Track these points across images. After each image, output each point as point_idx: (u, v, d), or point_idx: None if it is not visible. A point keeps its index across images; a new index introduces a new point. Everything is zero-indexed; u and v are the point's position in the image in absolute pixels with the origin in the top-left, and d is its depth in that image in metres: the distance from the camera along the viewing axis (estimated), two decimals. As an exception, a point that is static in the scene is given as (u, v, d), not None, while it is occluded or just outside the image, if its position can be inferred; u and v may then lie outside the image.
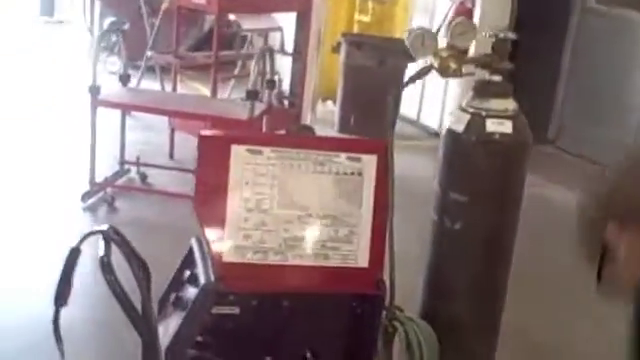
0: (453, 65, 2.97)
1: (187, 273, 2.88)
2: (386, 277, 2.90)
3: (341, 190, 2.82)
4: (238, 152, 2.74)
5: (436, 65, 2.98)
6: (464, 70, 3.01)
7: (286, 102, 7.31)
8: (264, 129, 5.39)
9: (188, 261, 2.91)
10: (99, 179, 5.36)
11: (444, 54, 2.98)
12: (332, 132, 7.05)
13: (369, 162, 2.83)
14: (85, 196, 5.24)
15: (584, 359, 3.96)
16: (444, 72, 2.98)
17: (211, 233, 2.74)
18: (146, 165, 5.79)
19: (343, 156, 2.82)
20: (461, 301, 3.03)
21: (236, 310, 2.78)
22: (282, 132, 2.79)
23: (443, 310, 3.06)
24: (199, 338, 2.78)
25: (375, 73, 6.90)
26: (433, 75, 3.06)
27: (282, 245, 2.79)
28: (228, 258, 2.75)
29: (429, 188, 3.16)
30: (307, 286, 2.83)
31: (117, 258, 2.16)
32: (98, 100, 5.19)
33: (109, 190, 5.41)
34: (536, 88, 6.72)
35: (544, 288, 4.99)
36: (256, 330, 2.81)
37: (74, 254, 2.13)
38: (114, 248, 2.17)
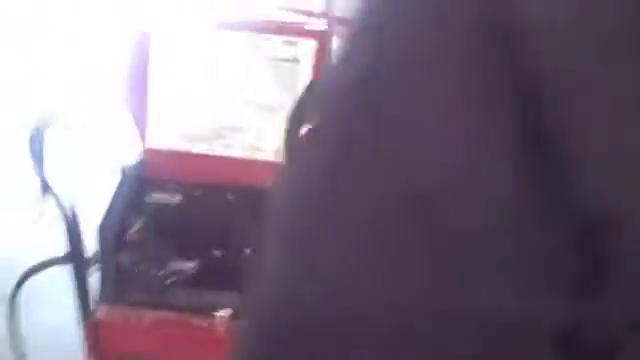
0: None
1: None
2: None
3: (277, 77, 2.62)
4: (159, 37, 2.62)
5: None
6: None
7: None
8: None
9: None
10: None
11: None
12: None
13: (306, 47, 2.63)
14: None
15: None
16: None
17: (136, 119, 2.62)
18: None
19: (278, 40, 2.63)
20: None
21: (176, 199, 2.61)
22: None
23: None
24: (137, 225, 2.61)
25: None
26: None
27: (212, 134, 2.62)
28: (152, 144, 2.61)
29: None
30: (238, 179, 2.62)
31: None
32: None
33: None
34: None
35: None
36: (196, 222, 2.62)
37: None
38: None
